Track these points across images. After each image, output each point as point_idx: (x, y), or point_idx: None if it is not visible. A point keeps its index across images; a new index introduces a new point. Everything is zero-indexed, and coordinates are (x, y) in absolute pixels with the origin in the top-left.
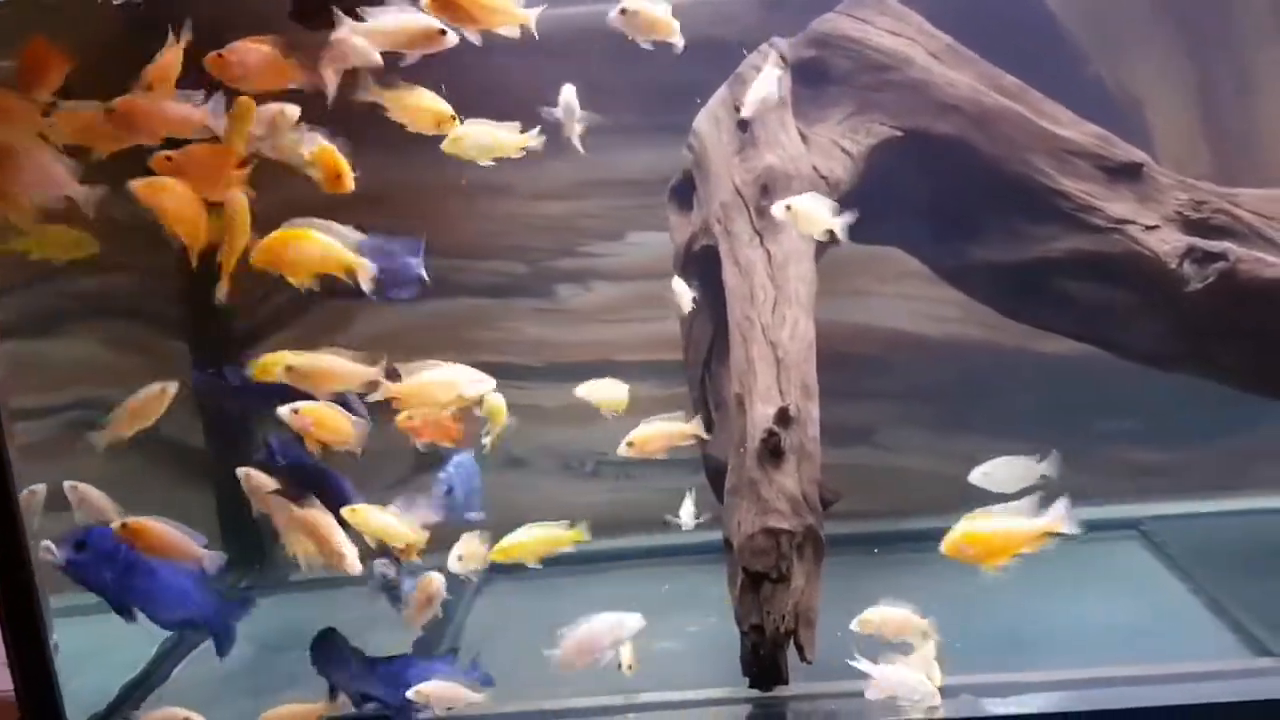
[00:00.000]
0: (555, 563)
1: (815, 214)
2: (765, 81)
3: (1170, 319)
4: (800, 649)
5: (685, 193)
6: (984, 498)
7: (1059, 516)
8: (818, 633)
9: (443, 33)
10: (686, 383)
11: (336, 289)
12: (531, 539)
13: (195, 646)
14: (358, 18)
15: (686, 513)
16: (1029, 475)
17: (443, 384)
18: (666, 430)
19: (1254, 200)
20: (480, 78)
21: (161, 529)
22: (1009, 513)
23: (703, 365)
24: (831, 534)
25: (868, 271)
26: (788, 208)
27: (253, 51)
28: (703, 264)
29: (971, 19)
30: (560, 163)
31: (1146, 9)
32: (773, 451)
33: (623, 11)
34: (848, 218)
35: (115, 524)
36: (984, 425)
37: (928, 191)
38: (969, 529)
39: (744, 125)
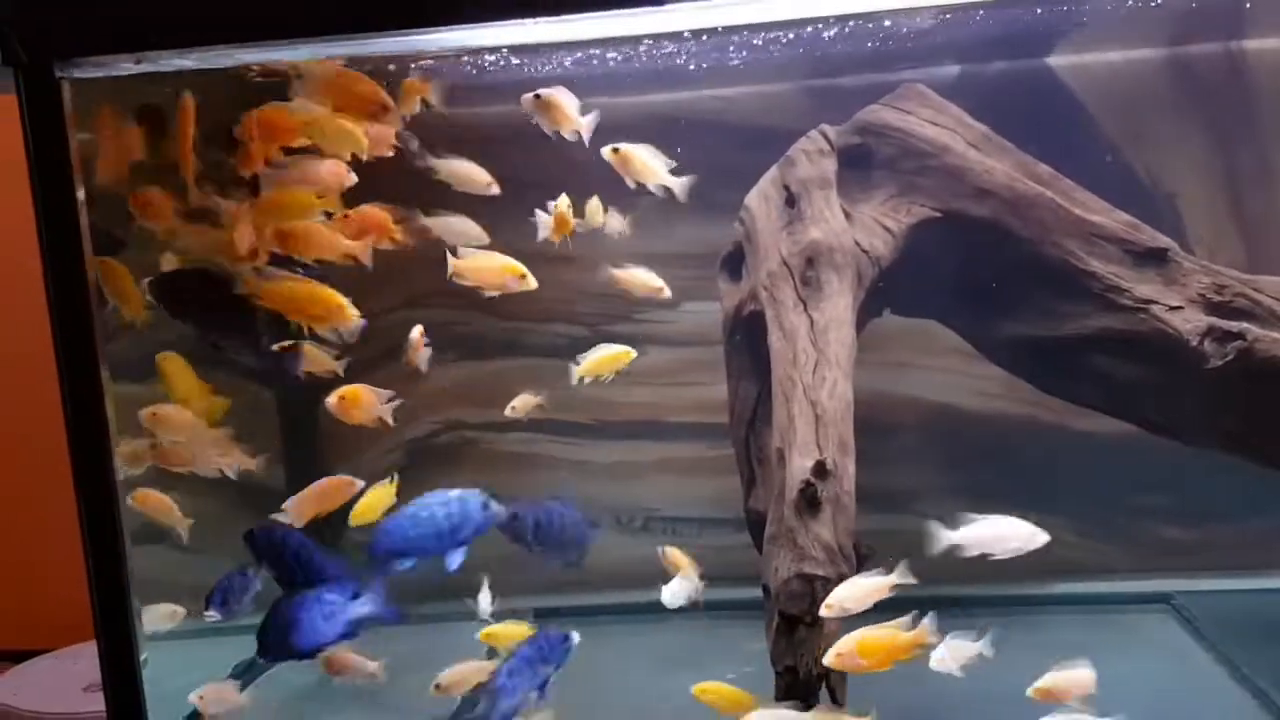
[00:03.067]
0: (603, 612)
1: (649, 162)
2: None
3: (1194, 396)
4: (832, 692)
5: (735, 262)
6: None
7: (925, 629)
8: (848, 678)
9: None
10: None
11: None
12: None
13: (266, 670)
14: None
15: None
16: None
17: None
18: None
19: (1274, 286)
20: (545, 160)
21: None
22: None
23: (747, 424)
24: None
25: (913, 346)
26: (615, 150)
27: None
28: (749, 328)
29: (1008, 113)
30: (622, 236)
31: (1178, 104)
32: (810, 502)
33: (536, 97)
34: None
35: None
36: (1021, 498)
37: (965, 269)
38: (863, 639)
39: (792, 202)
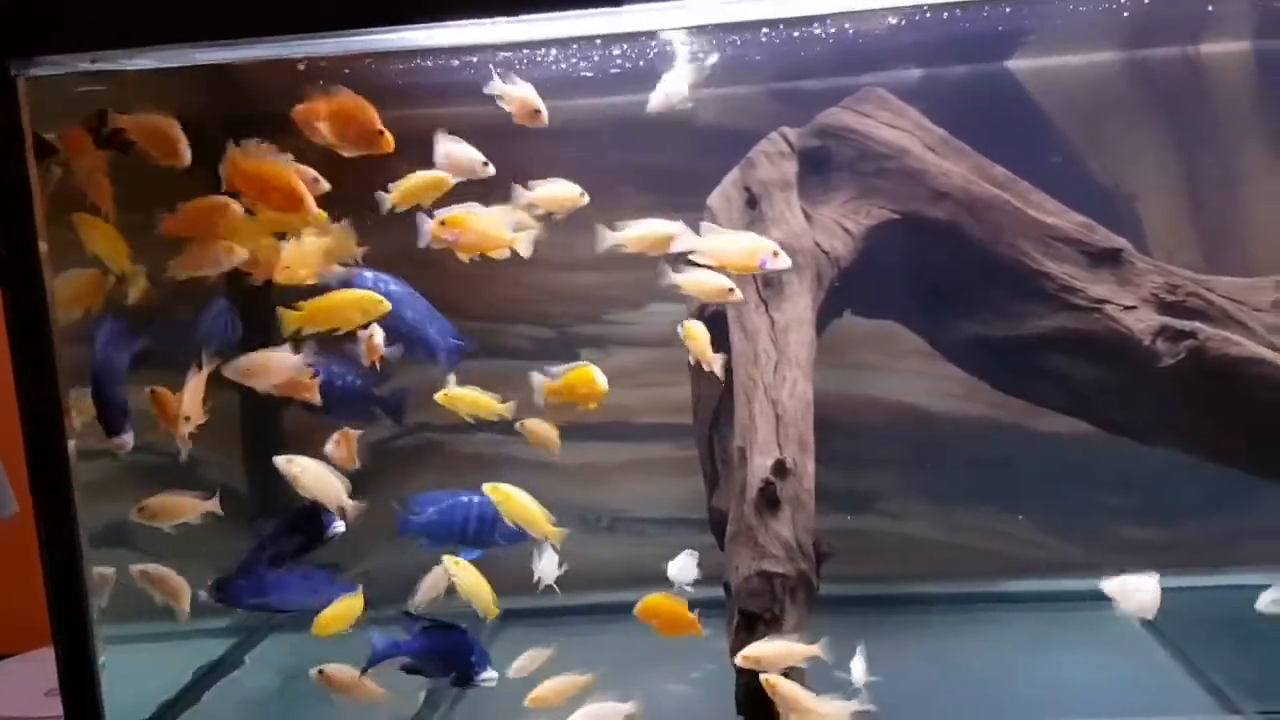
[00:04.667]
0: (570, 613)
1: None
2: None
3: (1148, 395)
4: None
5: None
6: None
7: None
8: (808, 675)
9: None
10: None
11: None
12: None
13: (226, 675)
14: None
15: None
16: None
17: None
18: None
19: (1227, 286)
20: (516, 160)
21: None
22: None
23: (710, 424)
24: (836, 595)
25: (877, 348)
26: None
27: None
28: (712, 328)
29: (969, 117)
30: (588, 237)
31: (1138, 110)
32: (769, 501)
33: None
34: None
35: None
36: (984, 497)
37: (923, 270)
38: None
39: (753, 203)
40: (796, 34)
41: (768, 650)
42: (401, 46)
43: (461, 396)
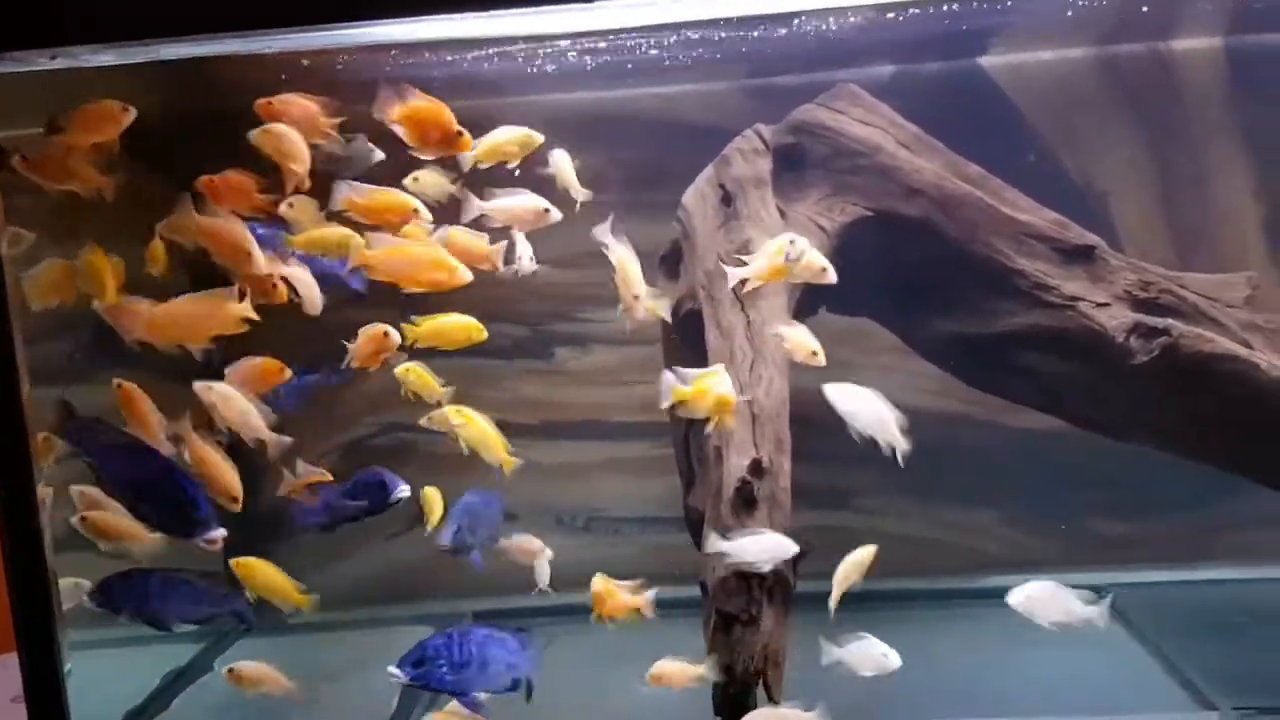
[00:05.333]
0: (548, 614)
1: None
2: None
3: (1121, 391)
4: (768, 689)
5: (674, 261)
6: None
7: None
8: (785, 674)
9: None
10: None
11: None
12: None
13: (195, 681)
14: None
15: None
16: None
17: None
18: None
19: (1199, 283)
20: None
21: None
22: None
23: (686, 423)
24: (816, 592)
25: (852, 345)
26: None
27: (294, 104)
28: (688, 327)
29: (943, 113)
30: (563, 234)
31: (1112, 107)
32: (746, 500)
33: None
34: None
35: None
36: (959, 493)
37: (897, 267)
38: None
39: (728, 201)
40: (769, 31)
41: (669, 669)
42: (376, 41)
43: (418, 373)
